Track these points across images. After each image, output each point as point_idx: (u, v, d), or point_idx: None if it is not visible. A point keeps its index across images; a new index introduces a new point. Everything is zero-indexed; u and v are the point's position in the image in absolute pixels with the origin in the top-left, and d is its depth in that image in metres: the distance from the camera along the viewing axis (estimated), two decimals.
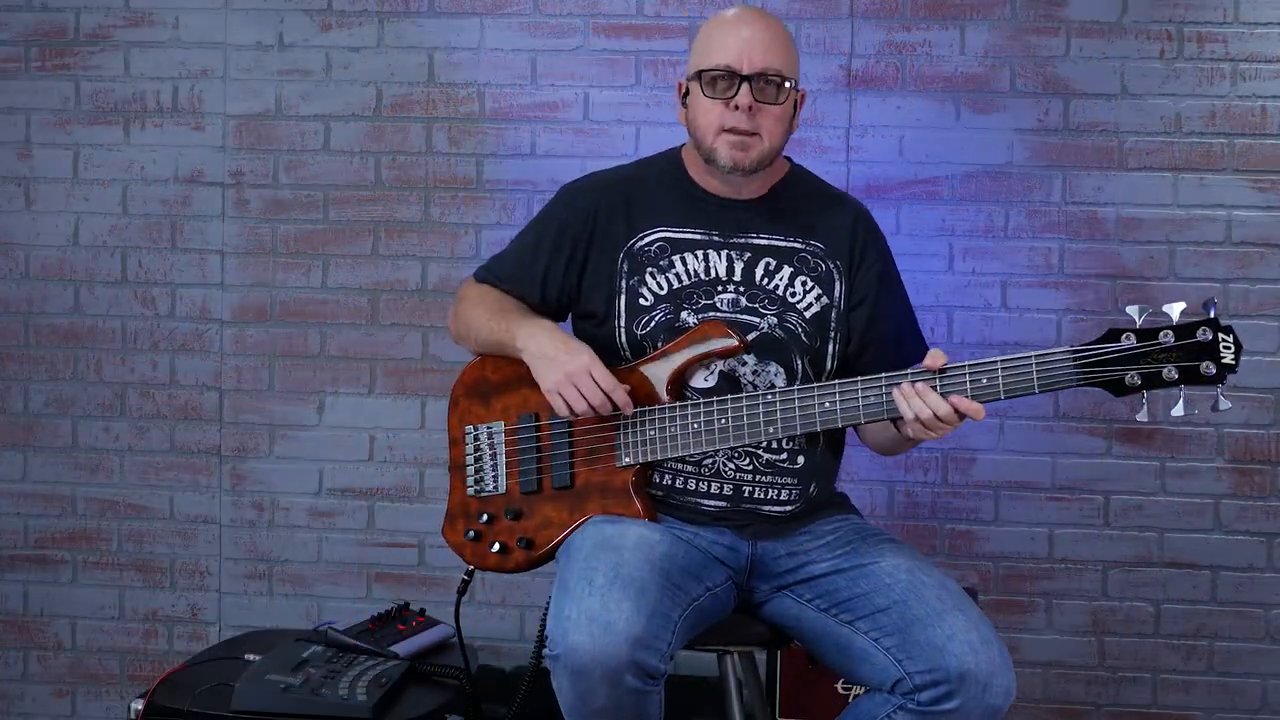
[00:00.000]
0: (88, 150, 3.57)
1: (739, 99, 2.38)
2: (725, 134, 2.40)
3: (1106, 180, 3.34)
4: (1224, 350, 2.13)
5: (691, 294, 2.44)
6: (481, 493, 2.51)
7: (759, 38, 2.40)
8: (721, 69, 2.39)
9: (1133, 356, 2.15)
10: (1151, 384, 2.15)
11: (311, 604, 3.54)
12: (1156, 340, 2.14)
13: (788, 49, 2.45)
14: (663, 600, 2.17)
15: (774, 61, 2.40)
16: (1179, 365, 2.14)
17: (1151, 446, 3.35)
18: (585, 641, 2.10)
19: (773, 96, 2.40)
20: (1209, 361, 2.13)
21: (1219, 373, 2.13)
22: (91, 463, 3.59)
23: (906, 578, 2.29)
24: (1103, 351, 2.16)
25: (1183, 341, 2.14)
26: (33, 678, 3.62)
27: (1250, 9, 3.29)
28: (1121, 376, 2.15)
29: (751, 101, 2.38)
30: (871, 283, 2.50)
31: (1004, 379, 2.20)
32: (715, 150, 2.42)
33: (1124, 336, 2.16)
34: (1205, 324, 2.13)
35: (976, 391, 2.21)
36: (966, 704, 2.17)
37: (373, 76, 3.49)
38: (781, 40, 2.44)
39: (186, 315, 3.56)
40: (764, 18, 2.47)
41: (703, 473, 2.41)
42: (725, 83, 2.39)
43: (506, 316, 2.48)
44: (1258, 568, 3.33)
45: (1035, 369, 2.18)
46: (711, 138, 2.42)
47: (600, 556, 2.21)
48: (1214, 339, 2.13)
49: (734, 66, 2.39)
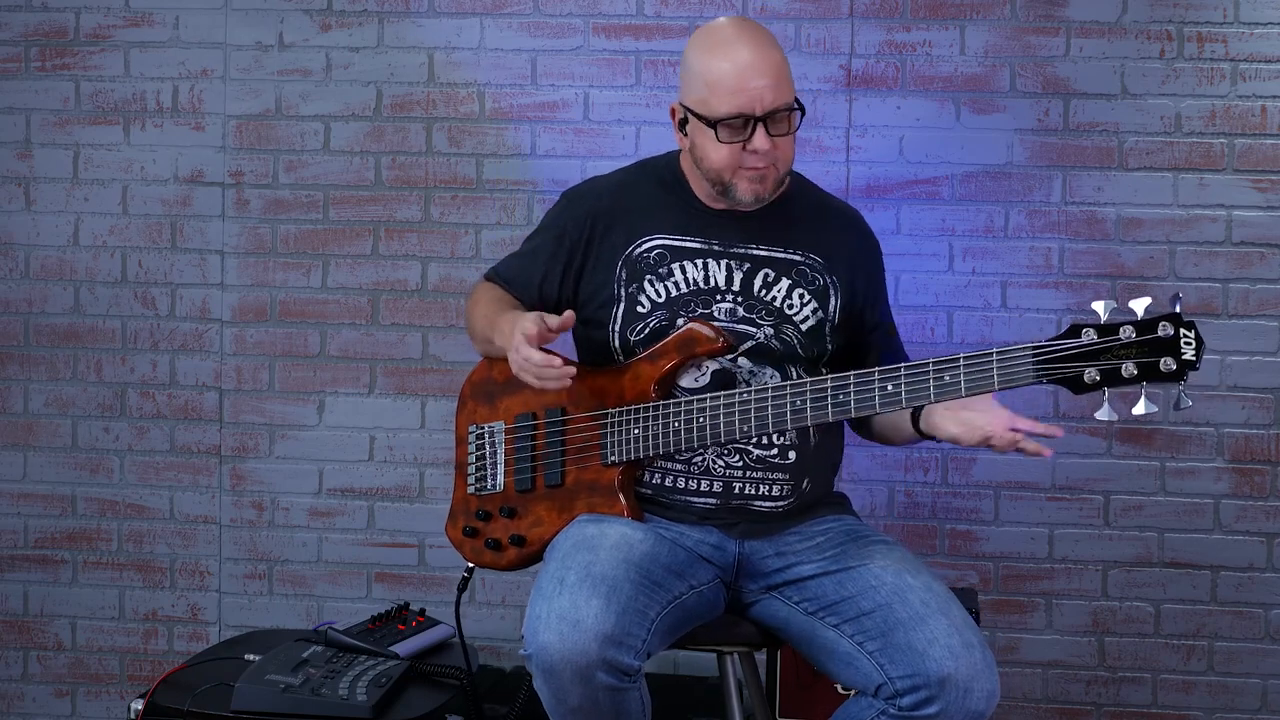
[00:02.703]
0: (88, 150, 3.57)
1: (756, 143, 2.35)
2: (743, 170, 2.39)
3: (1106, 180, 3.34)
4: (1185, 346, 2.06)
5: (689, 302, 2.44)
6: (481, 491, 2.53)
7: (767, 77, 2.33)
8: (734, 115, 2.34)
9: (1093, 353, 2.09)
10: (1110, 381, 2.09)
11: (311, 604, 3.54)
12: (1117, 336, 2.09)
13: (787, 69, 2.39)
14: (637, 598, 2.17)
15: (783, 96, 2.35)
16: (1138, 361, 2.07)
17: (1151, 446, 3.35)
18: (554, 640, 2.11)
19: (785, 128, 2.38)
20: (1169, 358, 2.06)
21: (1179, 369, 2.06)
22: (91, 463, 3.59)
23: (893, 580, 2.29)
24: (1063, 348, 2.11)
25: (1143, 337, 2.07)
26: (33, 678, 3.62)
27: (1250, 9, 3.29)
28: (1080, 373, 2.10)
29: (769, 144, 2.35)
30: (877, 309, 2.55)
31: (965, 376, 2.17)
32: (734, 186, 2.40)
33: (1085, 332, 2.10)
34: (1166, 319, 2.07)
35: (939, 388, 2.19)
36: (948, 709, 2.17)
37: (373, 76, 3.49)
38: (782, 65, 2.37)
39: (186, 315, 3.56)
40: (759, 42, 2.37)
41: (692, 471, 2.41)
42: (740, 129, 2.35)
43: (495, 317, 2.49)
44: (1258, 568, 3.33)
45: (995, 365, 2.15)
46: (729, 175, 2.40)
47: (575, 556, 2.22)
48: (1175, 334, 2.06)
49: (747, 112, 2.33)
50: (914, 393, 2.20)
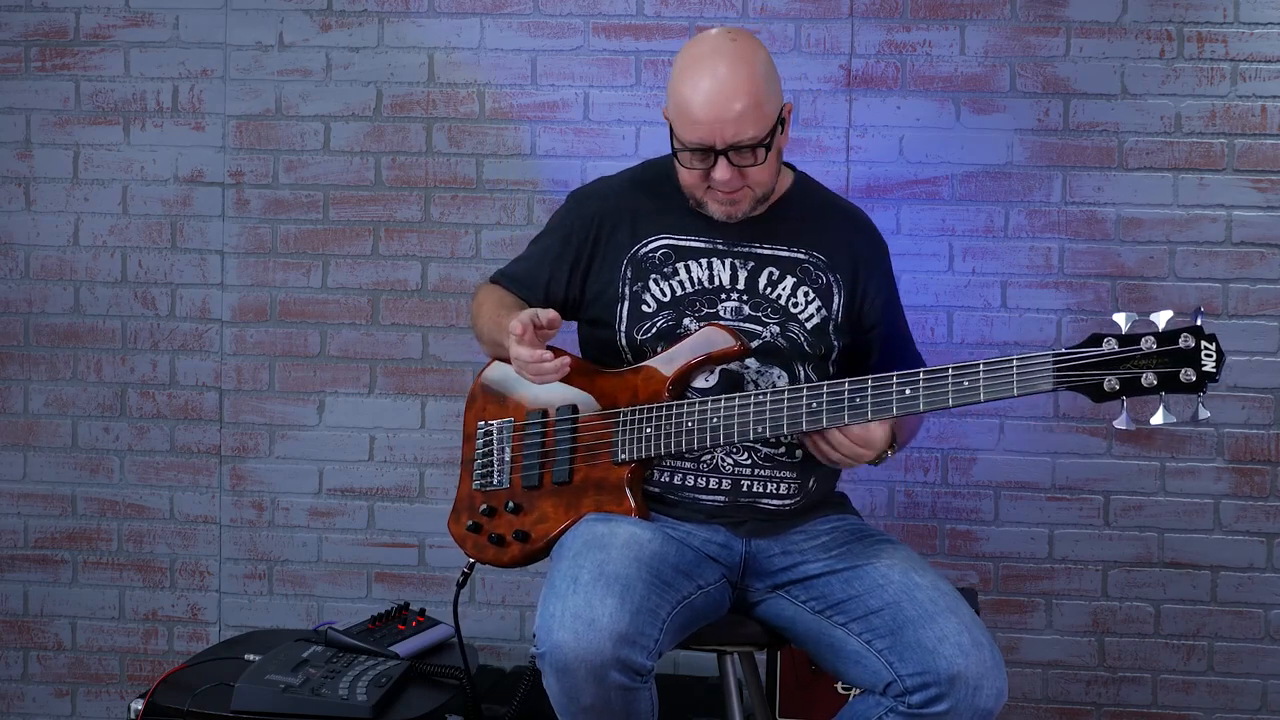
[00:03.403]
0: (88, 150, 3.57)
1: (717, 174, 2.35)
2: (712, 191, 2.39)
3: (1106, 180, 3.34)
4: (1205, 358, 2.08)
5: (695, 301, 2.45)
6: (486, 486, 2.52)
7: (730, 110, 2.29)
8: (696, 146, 2.33)
9: (1113, 362, 2.11)
10: (1130, 390, 2.10)
11: (311, 604, 3.54)
12: (1138, 346, 2.10)
13: (761, 98, 2.32)
14: (650, 597, 2.17)
15: (746, 130, 2.31)
16: (1158, 372, 2.09)
17: (1151, 446, 3.35)
18: (569, 639, 2.10)
19: (751, 160, 2.35)
20: (1189, 369, 2.08)
21: (1199, 380, 2.08)
22: (91, 463, 3.59)
23: (900, 579, 2.29)
24: (1084, 356, 2.12)
25: (1164, 348, 2.09)
26: (33, 678, 3.62)
27: (1250, 9, 3.29)
28: (1100, 381, 2.11)
29: (730, 174, 2.34)
30: (879, 308, 2.53)
31: (985, 382, 2.17)
32: (705, 204, 2.42)
33: (1106, 341, 2.12)
34: (1188, 331, 2.09)
35: (957, 394, 2.19)
36: (957, 706, 2.17)
37: (373, 76, 3.49)
38: (755, 95, 2.31)
39: (186, 315, 3.56)
40: (734, 68, 2.31)
41: (701, 469, 2.41)
42: (701, 157, 2.35)
43: (499, 317, 2.49)
44: (1258, 568, 3.33)
45: (1016, 372, 2.16)
46: (699, 194, 2.41)
47: (587, 555, 2.21)
48: (1196, 346, 2.08)
49: (707, 144, 2.32)
50: (932, 398, 2.20)
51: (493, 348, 2.54)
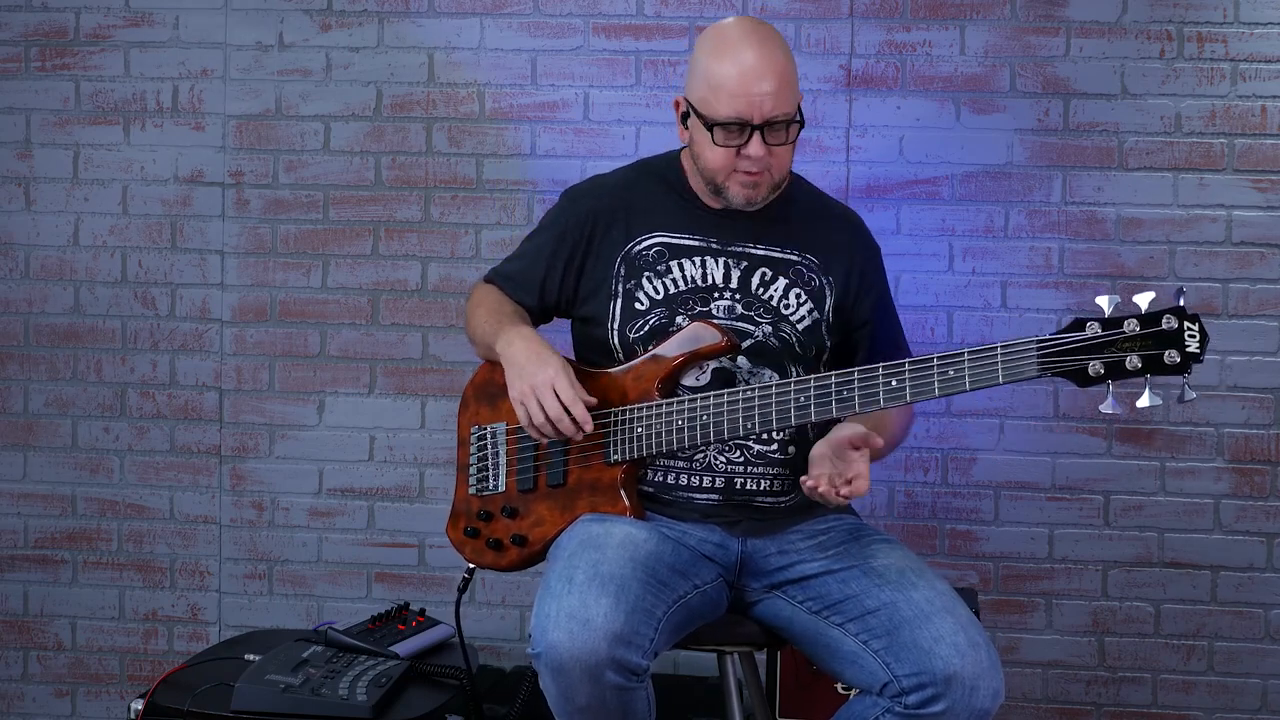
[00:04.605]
0: (88, 150, 3.57)
1: (751, 149, 2.36)
2: (736, 174, 2.40)
3: (1106, 180, 3.34)
4: (1189, 339, 2.08)
5: (688, 300, 2.45)
6: (483, 491, 2.53)
7: (769, 84, 2.33)
8: (732, 120, 2.35)
9: (1097, 346, 2.11)
10: (1115, 374, 2.11)
11: (311, 604, 3.54)
12: (1121, 329, 2.11)
13: (792, 78, 2.39)
14: (645, 597, 2.17)
15: (784, 105, 2.36)
16: (1142, 354, 2.10)
17: (1151, 446, 3.35)
18: (564, 639, 2.11)
19: (783, 137, 2.38)
20: (1173, 350, 2.08)
21: (1183, 361, 2.08)
22: (91, 463, 3.59)
23: (897, 579, 2.29)
24: (1068, 341, 2.12)
25: (1147, 330, 2.10)
26: (33, 678, 3.62)
27: (1250, 9, 3.29)
28: (1085, 366, 2.11)
29: (763, 151, 2.36)
30: (869, 306, 2.54)
31: (970, 370, 2.17)
32: (726, 188, 2.42)
33: (1089, 325, 2.13)
34: (1170, 312, 2.09)
35: (943, 384, 2.19)
36: (953, 706, 2.17)
37: (373, 76, 3.49)
38: (787, 73, 2.37)
39: (186, 315, 3.56)
40: (767, 47, 2.37)
41: (694, 467, 2.42)
42: (736, 133, 2.36)
43: (496, 321, 2.50)
44: (1258, 568, 3.33)
45: (1000, 359, 2.15)
46: (722, 177, 2.41)
47: (582, 555, 2.22)
48: (1179, 327, 2.09)
49: (744, 118, 2.34)
50: (918, 388, 2.20)
51: (485, 350, 2.54)
